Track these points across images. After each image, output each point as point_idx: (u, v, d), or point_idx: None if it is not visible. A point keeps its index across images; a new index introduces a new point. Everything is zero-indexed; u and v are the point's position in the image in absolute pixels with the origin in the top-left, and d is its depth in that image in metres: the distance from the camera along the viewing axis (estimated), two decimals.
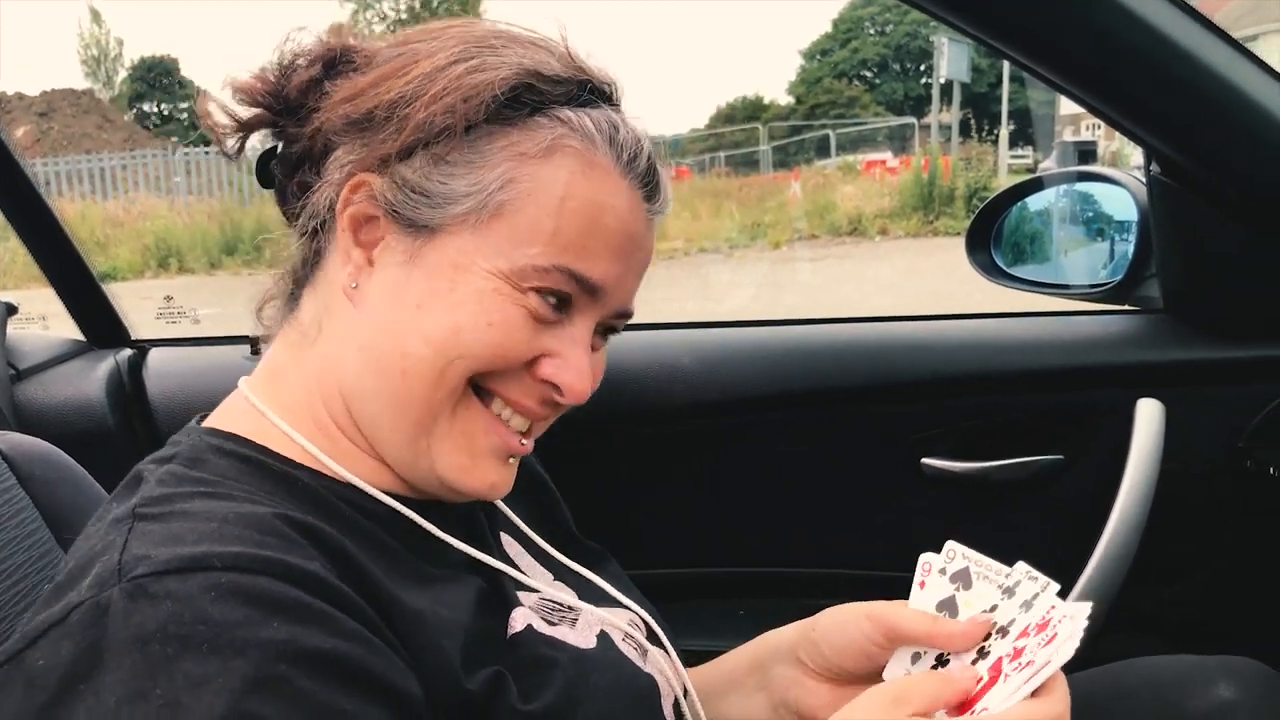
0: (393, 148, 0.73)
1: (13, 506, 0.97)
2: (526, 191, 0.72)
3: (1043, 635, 0.69)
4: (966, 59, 19.73)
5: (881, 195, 14.70)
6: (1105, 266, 1.65)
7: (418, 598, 0.72)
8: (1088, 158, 11.24)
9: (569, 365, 0.77)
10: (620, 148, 0.75)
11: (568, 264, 0.73)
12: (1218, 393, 1.46)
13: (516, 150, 0.72)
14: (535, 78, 0.73)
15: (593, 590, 0.92)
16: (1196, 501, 1.49)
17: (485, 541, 0.85)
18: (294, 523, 0.67)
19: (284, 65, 0.80)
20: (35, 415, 1.56)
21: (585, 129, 0.74)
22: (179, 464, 0.72)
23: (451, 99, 0.71)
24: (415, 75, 0.73)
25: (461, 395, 0.75)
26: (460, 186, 0.72)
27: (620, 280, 0.77)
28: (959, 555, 0.77)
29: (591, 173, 0.73)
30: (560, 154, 0.73)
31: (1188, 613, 1.54)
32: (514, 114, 0.73)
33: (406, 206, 0.73)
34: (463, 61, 0.73)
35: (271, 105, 0.80)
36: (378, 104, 0.74)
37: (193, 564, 0.60)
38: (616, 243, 0.75)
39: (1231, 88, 1.11)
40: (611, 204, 0.74)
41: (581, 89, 0.75)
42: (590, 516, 1.10)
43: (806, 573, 1.60)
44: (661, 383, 1.55)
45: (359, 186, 0.75)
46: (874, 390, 1.54)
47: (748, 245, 13.64)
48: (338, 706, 0.58)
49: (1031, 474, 1.51)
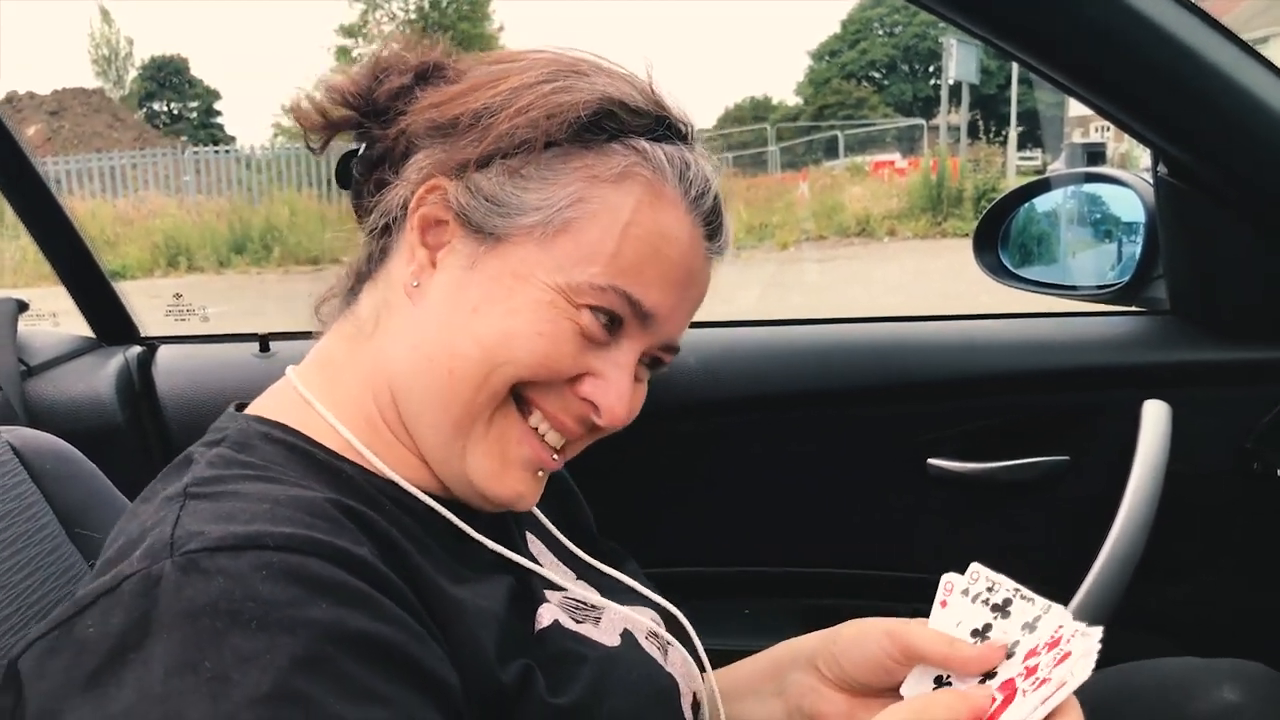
0: (472, 154, 0.75)
1: (23, 501, 0.98)
2: (594, 212, 0.74)
3: (1055, 652, 0.69)
4: (975, 60, 19.70)
5: (890, 196, 14.68)
6: (1112, 268, 1.65)
7: (457, 590, 0.73)
8: (1096, 160, 11.20)
9: (610, 387, 0.78)
10: (689, 184, 0.77)
11: (624, 286, 0.75)
12: (1225, 394, 1.46)
13: (590, 172, 0.75)
14: (618, 106, 0.76)
15: (615, 588, 0.93)
16: (1203, 503, 1.48)
17: (514, 541, 0.87)
18: (345, 508, 0.68)
19: (377, 71, 0.83)
20: (46, 411, 1.57)
21: (658, 161, 0.76)
22: (228, 447, 0.74)
23: (535, 114, 0.74)
24: (504, 89, 0.76)
25: (502, 402, 0.77)
26: (532, 199, 0.75)
27: (673, 311, 0.79)
28: (983, 577, 0.77)
29: (658, 203, 0.76)
30: (631, 181, 0.75)
31: (1194, 614, 1.54)
32: (593, 138, 0.75)
33: (477, 212, 0.75)
34: (551, 82, 0.76)
35: (360, 107, 0.83)
36: (464, 111, 0.76)
37: (245, 542, 0.61)
38: (675, 274, 0.77)
39: (1239, 89, 1.11)
40: (674, 235, 0.77)
41: (659, 124, 0.78)
42: (598, 517, 1.11)
43: (812, 572, 1.60)
44: (667, 382, 1.55)
45: (434, 189, 0.77)
46: (880, 391, 1.54)
47: (755, 246, 13.62)
48: (379, 690, 0.59)
49: (1038, 475, 1.51)
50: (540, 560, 0.89)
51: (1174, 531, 1.39)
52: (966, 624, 0.76)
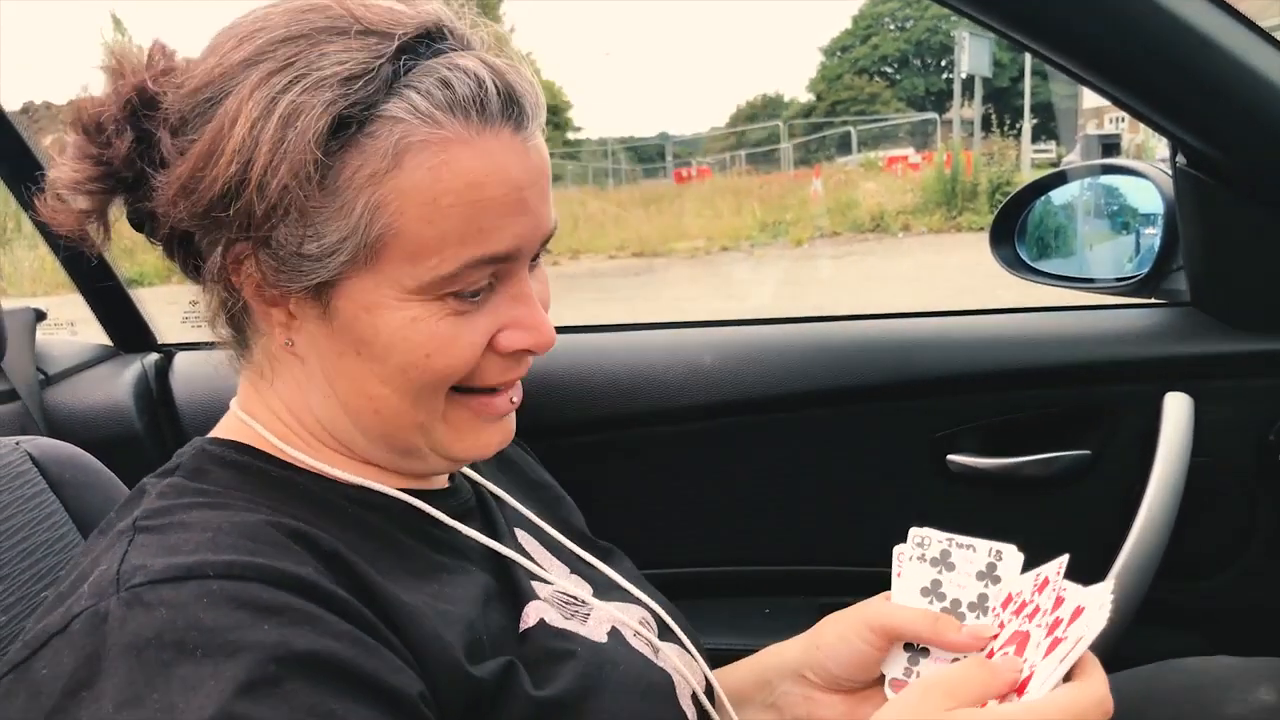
0: (253, 235, 0.68)
1: (43, 510, 0.99)
2: (396, 210, 0.67)
3: (1063, 610, 0.70)
4: (988, 53, 19.61)
5: (904, 191, 14.67)
6: (1131, 260, 1.64)
7: (419, 590, 0.73)
8: (1112, 151, 11.14)
9: (524, 326, 0.75)
10: (465, 104, 0.67)
11: (471, 255, 0.69)
12: (1246, 385, 1.44)
13: (367, 173, 0.67)
14: (347, 95, 0.66)
15: (608, 585, 0.92)
16: (1226, 495, 1.47)
17: (501, 535, 0.86)
18: (287, 529, 0.68)
19: (90, 139, 0.73)
20: (64, 420, 1.58)
21: (422, 113, 0.67)
22: (180, 476, 0.74)
23: (280, 173, 0.65)
24: (230, 156, 0.66)
25: (445, 401, 0.76)
26: (333, 237, 0.68)
27: (529, 231, 0.73)
28: (931, 541, 0.80)
29: (448, 153, 0.67)
30: (409, 154, 0.67)
31: (1223, 610, 1.53)
32: (346, 136, 0.66)
33: (294, 275, 0.70)
34: (269, 115, 0.65)
35: (109, 180, 0.74)
36: (212, 199, 0.67)
37: (186, 573, 0.61)
38: (508, 204, 0.70)
39: (1258, 77, 1.09)
40: (484, 171, 0.68)
41: (393, 63, 0.67)
42: (612, 514, 1.10)
43: (830, 571, 1.60)
44: (683, 381, 1.54)
45: (242, 259, 0.71)
46: (898, 387, 1.53)
47: (769, 243, 13.62)
48: (326, 707, 0.59)
49: (1059, 470, 1.50)
50: (534, 556, 0.88)
51: (1198, 526, 1.37)
52: (916, 584, 0.80)
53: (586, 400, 1.54)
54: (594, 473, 1.55)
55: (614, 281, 11.28)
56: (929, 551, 0.80)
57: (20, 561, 0.93)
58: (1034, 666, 0.69)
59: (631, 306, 9.46)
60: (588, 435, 1.57)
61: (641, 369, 1.55)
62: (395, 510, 0.78)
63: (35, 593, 0.92)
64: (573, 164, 29.72)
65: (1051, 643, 0.69)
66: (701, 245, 13.74)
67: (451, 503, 0.84)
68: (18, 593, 0.91)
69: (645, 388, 1.54)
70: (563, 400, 1.54)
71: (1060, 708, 0.63)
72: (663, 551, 1.56)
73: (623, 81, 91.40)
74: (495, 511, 0.89)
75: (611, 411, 1.55)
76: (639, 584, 0.95)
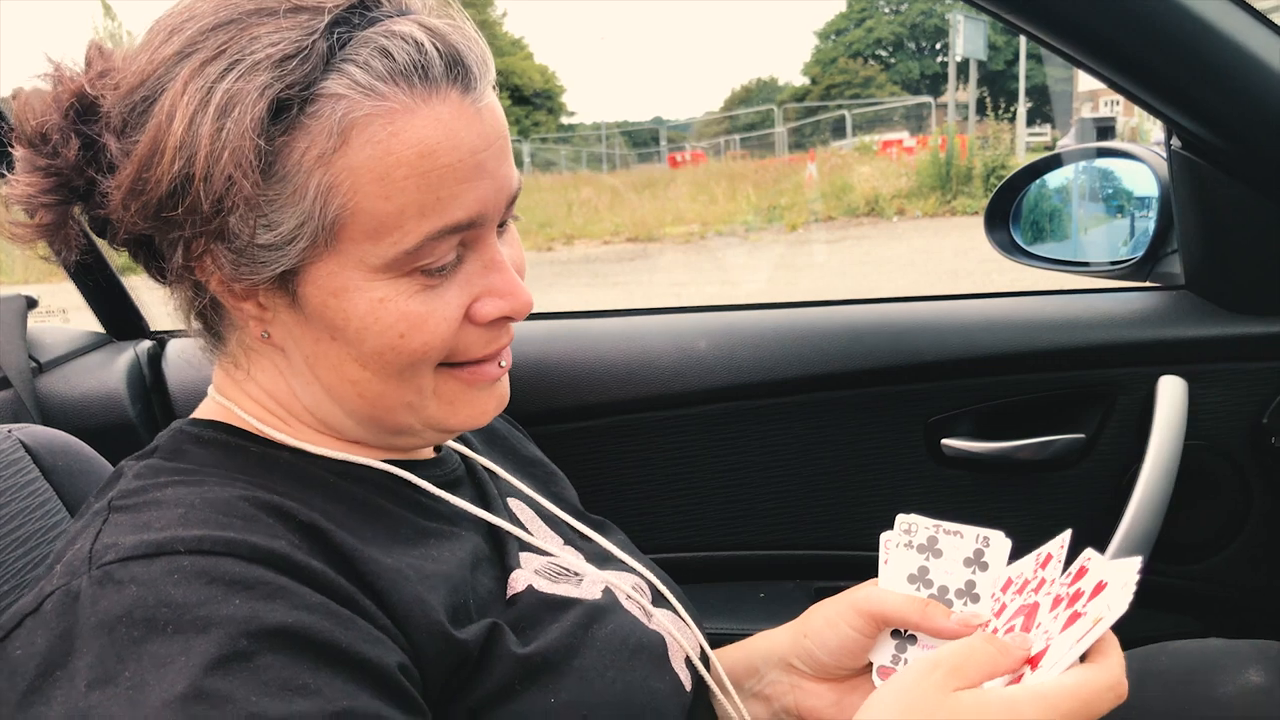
0: (206, 230, 0.67)
1: (36, 498, 0.98)
2: (350, 189, 0.66)
3: (1084, 583, 0.69)
4: (983, 36, 19.58)
5: (898, 175, 14.66)
6: (1126, 243, 1.64)
7: (404, 554, 0.72)
8: (1107, 134, 11.13)
9: (499, 293, 0.73)
10: (406, 71, 0.65)
11: (432, 228, 0.68)
12: (1240, 369, 1.45)
13: (315, 154, 0.65)
14: (282, 77, 0.63)
15: (600, 556, 0.92)
16: (1220, 479, 1.47)
17: (493, 505, 0.86)
18: (260, 503, 0.67)
19: (39, 151, 0.71)
20: (57, 407, 1.58)
21: (363, 87, 0.65)
22: (158, 458, 0.74)
23: (222, 164, 0.64)
24: (171, 155, 0.64)
25: (434, 376, 0.75)
26: (289, 224, 0.67)
27: (490, 194, 0.70)
28: (918, 528, 0.80)
29: (395, 125, 0.65)
30: (355, 130, 0.65)
31: (1215, 593, 1.53)
32: (288, 118, 0.64)
33: (255, 267, 0.68)
34: (205, 107, 0.63)
35: (65, 199, 0.72)
36: (160, 197, 0.66)
37: (156, 549, 0.61)
38: (464, 170, 0.68)
39: (1254, 60, 1.09)
40: (436, 138, 0.66)
41: (327, 39, 0.65)
42: (607, 498, 1.11)
43: (825, 555, 1.60)
44: (678, 366, 1.54)
45: (204, 256, 0.70)
46: (893, 371, 1.53)
47: (764, 228, 13.61)
48: (300, 680, 0.58)
49: (1053, 453, 1.50)
50: (529, 527, 0.88)
51: (1192, 508, 1.38)
52: (903, 571, 0.80)
53: (581, 386, 1.54)
54: (589, 457, 1.55)
55: (608, 267, 11.27)
56: (916, 538, 0.80)
57: (14, 549, 0.93)
58: (1050, 638, 0.67)
59: (626, 291, 9.45)
60: (583, 420, 1.57)
61: (636, 354, 1.55)
62: (381, 481, 0.78)
63: (29, 580, 0.92)
64: (567, 148, 29.63)
65: (1071, 616, 0.67)
66: (696, 230, 13.72)
67: (437, 472, 0.83)
68: (12, 580, 0.91)
69: (640, 373, 1.54)
70: (558, 385, 1.54)
71: (1068, 692, 0.62)
72: (657, 535, 1.57)
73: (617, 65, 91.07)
74: (487, 483, 0.89)
75: (606, 397, 1.55)
76: (632, 554, 0.95)
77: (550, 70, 38.72)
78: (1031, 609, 0.72)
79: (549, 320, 1.67)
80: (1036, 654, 0.67)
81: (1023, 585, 0.75)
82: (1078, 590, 0.69)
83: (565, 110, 40.63)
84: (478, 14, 31.83)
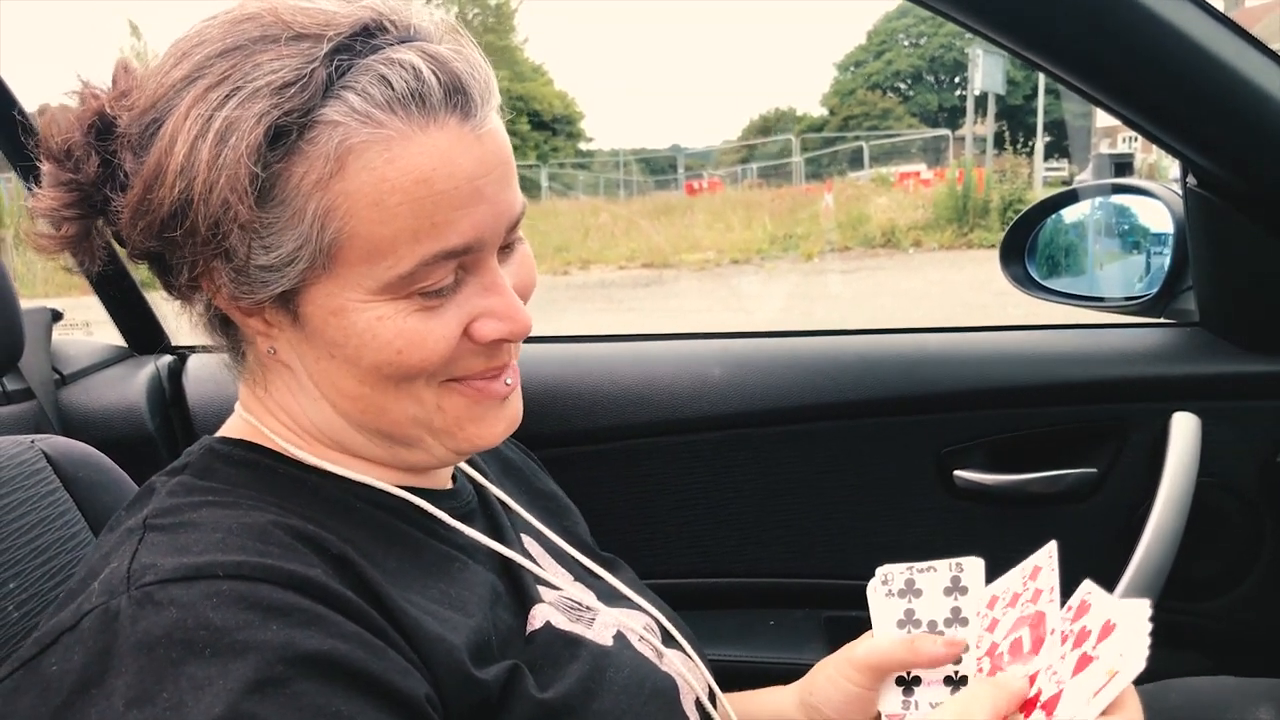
0: (205, 251, 0.69)
1: (56, 508, 1.00)
2: (346, 213, 0.67)
3: (1087, 620, 0.68)
4: (1001, 71, 19.60)
5: (915, 207, 14.65)
6: (1141, 279, 1.64)
7: (428, 588, 0.74)
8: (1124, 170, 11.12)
9: (497, 315, 0.74)
10: (404, 99, 0.66)
11: (429, 251, 0.69)
12: (1254, 406, 1.44)
13: (313, 179, 0.66)
14: (280, 104, 0.65)
15: (612, 594, 0.93)
16: (1232, 516, 1.47)
17: (507, 537, 0.87)
18: (295, 531, 0.69)
19: (64, 167, 0.73)
20: (79, 419, 1.59)
21: (361, 114, 0.66)
22: (189, 475, 0.75)
23: (219, 189, 0.65)
24: (172, 179, 0.66)
25: (435, 393, 0.76)
26: (288, 247, 0.68)
27: (487, 221, 0.71)
28: (895, 575, 0.82)
29: (392, 152, 0.66)
30: (351, 156, 0.66)
31: (1226, 630, 1.52)
32: (287, 143, 0.66)
33: (256, 287, 0.70)
34: (206, 133, 0.65)
35: (87, 213, 0.74)
36: (163, 218, 0.68)
37: (196, 572, 0.62)
38: (460, 197, 0.69)
39: (1269, 99, 1.10)
40: (432, 165, 0.67)
41: (326, 66, 0.66)
42: (617, 523, 1.11)
43: (835, 584, 1.60)
44: (691, 392, 1.55)
45: (209, 276, 0.72)
46: (905, 402, 1.53)
47: (780, 256, 13.62)
48: (333, 708, 0.59)
49: (1065, 487, 1.50)
50: (539, 562, 0.89)
51: (1203, 546, 1.37)
52: (891, 619, 0.81)
53: (594, 410, 1.55)
54: (600, 482, 1.56)
55: (623, 292, 11.28)
56: (894, 585, 0.82)
57: (34, 559, 0.94)
58: (1062, 683, 0.67)
59: (640, 317, 9.46)
60: (595, 445, 1.57)
61: (649, 380, 1.56)
62: (400, 508, 0.79)
63: (47, 590, 0.93)
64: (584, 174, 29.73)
65: (1081, 658, 0.66)
66: (712, 257, 13.74)
67: (453, 504, 0.84)
68: (30, 589, 0.92)
69: (653, 398, 1.55)
70: (570, 409, 1.55)
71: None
72: (667, 562, 1.57)
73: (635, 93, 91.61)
74: (500, 515, 0.90)
75: (619, 421, 1.55)
76: (642, 593, 0.96)
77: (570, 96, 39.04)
78: (1037, 619, 0.72)
79: (563, 344, 1.68)
80: (1050, 698, 0.67)
81: (1013, 599, 0.76)
82: (1084, 629, 0.68)
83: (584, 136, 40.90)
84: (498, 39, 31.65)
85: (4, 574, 0.91)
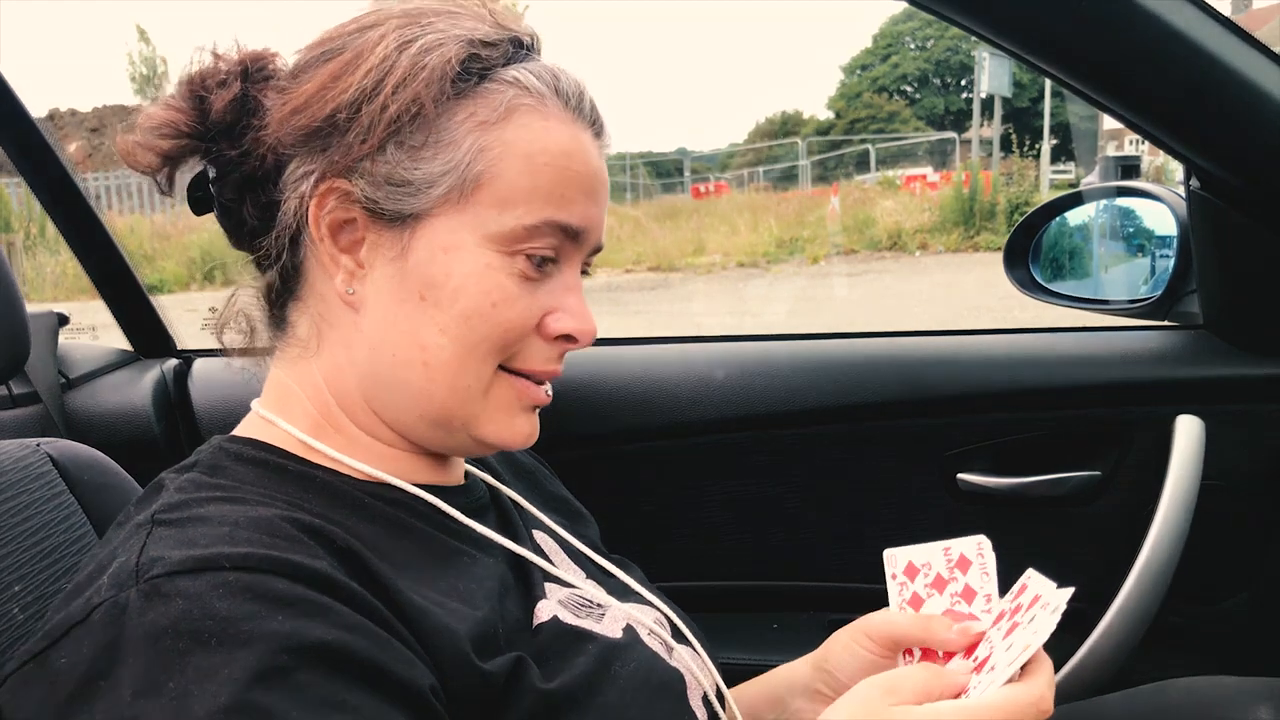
0: (365, 149, 0.74)
1: (62, 511, 1.00)
2: (498, 156, 0.74)
3: (1024, 596, 0.74)
4: (1008, 74, 19.59)
5: (921, 210, 14.62)
6: (1145, 282, 1.64)
7: (436, 580, 0.74)
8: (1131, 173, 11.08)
9: (572, 313, 0.80)
10: (566, 95, 0.78)
11: (552, 216, 0.76)
12: (1258, 409, 1.44)
13: (478, 120, 0.74)
14: (479, 46, 0.75)
15: (623, 591, 0.93)
16: (1236, 518, 1.47)
17: (518, 534, 0.88)
18: (302, 525, 0.69)
19: (195, 89, 0.79)
20: (84, 422, 1.60)
21: (533, 85, 0.76)
22: (198, 472, 0.75)
23: (413, 86, 0.73)
24: (367, 69, 0.73)
25: (495, 375, 0.78)
26: (436, 168, 0.74)
27: (596, 219, 0.80)
28: (898, 557, 0.85)
29: (550, 125, 0.76)
30: (518, 114, 0.75)
31: (1229, 631, 1.52)
32: (467, 85, 0.74)
33: (388, 201, 0.75)
34: (409, 45, 0.74)
35: (198, 133, 0.79)
36: (337, 107, 0.73)
37: (203, 564, 0.62)
38: (587, 185, 0.78)
39: (1271, 101, 1.10)
40: (574, 150, 0.77)
41: (516, 46, 0.77)
42: (621, 526, 1.11)
43: (839, 587, 1.60)
44: (694, 396, 1.55)
45: (329, 193, 0.76)
46: (909, 405, 1.54)
47: (786, 260, 13.61)
48: (339, 697, 0.60)
49: (1070, 490, 1.50)
50: (552, 559, 0.90)
51: (1207, 548, 1.37)
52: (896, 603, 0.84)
53: (598, 413, 1.55)
54: (604, 485, 1.56)
55: (629, 295, 11.29)
56: (898, 568, 0.85)
57: (39, 561, 0.94)
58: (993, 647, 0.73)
59: (646, 320, 9.47)
60: (598, 448, 1.58)
61: (653, 383, 1.56)
62: (411, 504, 0.80)
63: (52, 593, 0.93)
64: None
65: (1011, 627, 0.72)
66: (718, 261, 13.74)
67: (464, 500, 0.85)
68: (36, 591, 0.92)
69: (657, 401, 1.55)
70: (574, 412, 1.55)
71: (995, 708, 0.66)
72: (671, 565, 1.57)
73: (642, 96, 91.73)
74: (511, 512, 0.91)
75: (622, 424, 1.55)
76: (652, 591, 0.96)
77: None
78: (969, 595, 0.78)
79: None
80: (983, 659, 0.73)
81: (964, 591, 0.80)
82: (1017, 605, 0.74)
83: None
84: None
85: (9, 576, 0.91)
